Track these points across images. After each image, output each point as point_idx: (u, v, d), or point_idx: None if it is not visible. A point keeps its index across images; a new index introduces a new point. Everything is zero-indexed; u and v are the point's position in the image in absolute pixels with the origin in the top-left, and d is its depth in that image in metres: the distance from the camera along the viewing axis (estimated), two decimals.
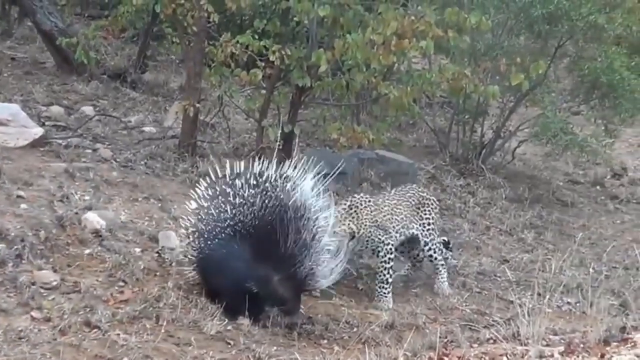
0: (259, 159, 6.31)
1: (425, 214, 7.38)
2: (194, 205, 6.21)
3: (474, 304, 7.24)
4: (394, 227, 7.15)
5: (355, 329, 6.39)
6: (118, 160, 8.44)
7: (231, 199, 6.05)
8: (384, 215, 7.12)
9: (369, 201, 7.07)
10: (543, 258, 8.40)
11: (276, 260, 5.93)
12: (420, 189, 7.56)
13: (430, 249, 7.38)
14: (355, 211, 6.91)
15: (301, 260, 5.93)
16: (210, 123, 10.05)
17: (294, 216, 5.96)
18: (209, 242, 6.06)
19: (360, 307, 6.85)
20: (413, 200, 7.36)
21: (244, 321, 5.99)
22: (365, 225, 6.91)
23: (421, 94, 8.76)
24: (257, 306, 6.03)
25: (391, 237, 7.10)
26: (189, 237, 6.21)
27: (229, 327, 5.87)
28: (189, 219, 6.24)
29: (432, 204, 7.46)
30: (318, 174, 6.19)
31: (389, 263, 6.99)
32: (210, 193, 6.18)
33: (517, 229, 9.50)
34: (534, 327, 6.00)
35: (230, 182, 6.13)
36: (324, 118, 9.88)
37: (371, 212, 6.99)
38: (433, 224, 7.41)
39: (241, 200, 6.03)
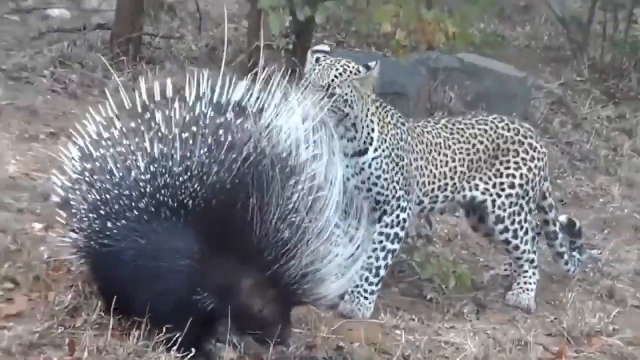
0: (251, 69, 4.56)
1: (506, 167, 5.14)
2: (75, 154, 4.18)
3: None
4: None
5: None
6: (5, 68, 6.66)
7: (147, 145, 4.09)
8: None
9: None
10: None
11: (246, 254, 4.06)
12: (505, 123, 5.10)
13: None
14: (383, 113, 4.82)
15: (291, 251, 4.10)
16: (168, 3, 8.37)
17: (277, 177, 4.07)
18: (109, 224, 4.07)
19: (428, 330, 4.85)
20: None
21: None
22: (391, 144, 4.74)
23: None
24: (212, 333, 4.17)
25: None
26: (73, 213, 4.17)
27: None
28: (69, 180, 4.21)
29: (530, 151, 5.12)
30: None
31: (396, 231, 4.71)
32: (111, 134, 4.19)
33: None
34: None
35: (154, 112, 4.12)
36: None
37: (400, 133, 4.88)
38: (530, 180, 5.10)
39: (169, 148, 4.05)
